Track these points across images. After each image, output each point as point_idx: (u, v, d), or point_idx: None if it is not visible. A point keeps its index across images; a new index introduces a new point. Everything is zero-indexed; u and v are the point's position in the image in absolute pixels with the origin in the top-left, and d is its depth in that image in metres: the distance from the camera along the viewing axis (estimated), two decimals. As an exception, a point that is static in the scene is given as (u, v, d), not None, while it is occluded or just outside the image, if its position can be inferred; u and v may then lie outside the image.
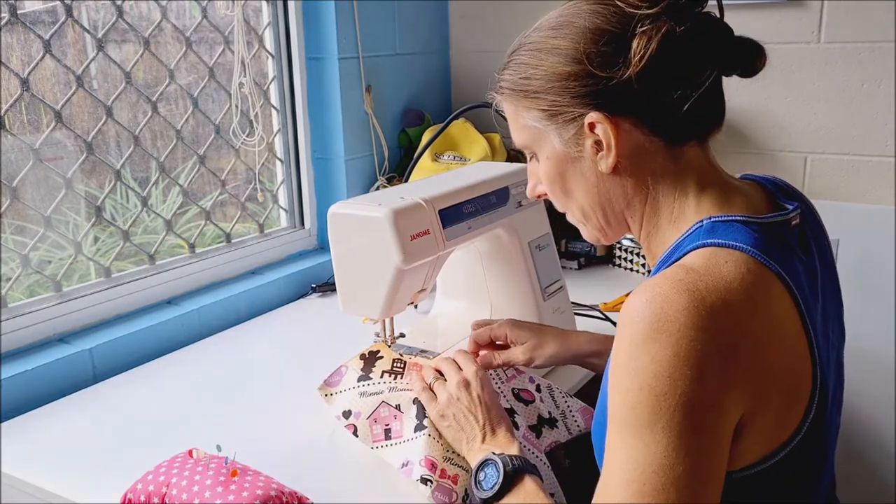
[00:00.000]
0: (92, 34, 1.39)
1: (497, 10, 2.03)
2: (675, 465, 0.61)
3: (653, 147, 0.75)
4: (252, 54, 1.69)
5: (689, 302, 0.63)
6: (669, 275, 0.66)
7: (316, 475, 1.00)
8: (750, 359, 0.64)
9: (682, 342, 0.61)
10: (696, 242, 0.71)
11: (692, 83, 0.72)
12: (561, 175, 0.81)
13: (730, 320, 0.63)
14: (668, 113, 0.73)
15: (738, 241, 0.69)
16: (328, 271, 1.78)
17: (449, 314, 1.33)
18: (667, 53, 0.71)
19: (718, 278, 0.65)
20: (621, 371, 0.65)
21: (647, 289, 0.65)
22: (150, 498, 0.88)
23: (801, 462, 0.71)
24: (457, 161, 1.85)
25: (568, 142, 0.77)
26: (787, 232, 0.74)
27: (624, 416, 0.64)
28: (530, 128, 0.80)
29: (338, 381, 1.08)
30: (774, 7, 1.70)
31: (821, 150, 1.74)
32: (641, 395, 0.62)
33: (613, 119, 0.74)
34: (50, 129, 1.33)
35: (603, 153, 0.75)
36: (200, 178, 1.65)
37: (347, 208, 1.04)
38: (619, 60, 0.72)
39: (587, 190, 0.80)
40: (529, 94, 0.78)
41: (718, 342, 0.62)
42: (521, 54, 0.79)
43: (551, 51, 0.76)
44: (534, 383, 1.10)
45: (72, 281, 1.42)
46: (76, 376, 1.29)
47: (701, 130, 0.77)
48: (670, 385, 0.61)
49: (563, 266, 1.83)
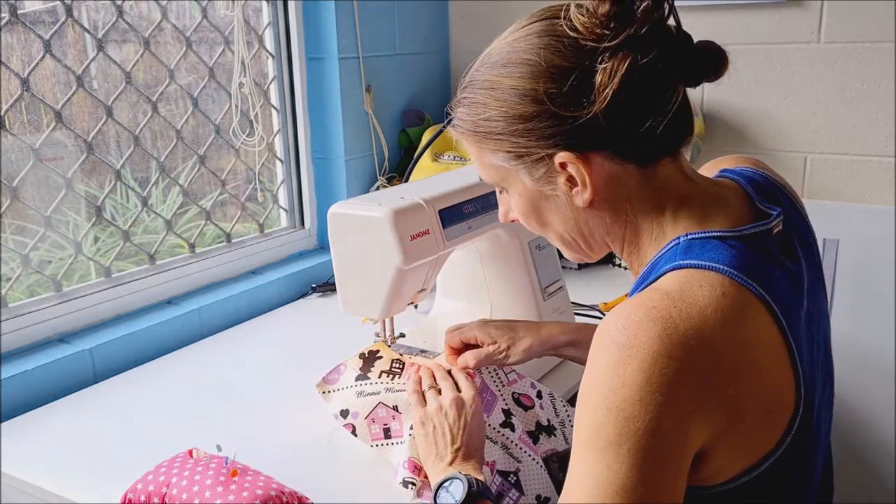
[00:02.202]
0: (92, 34, 1.39)
1: (497, 10, 2.03)
2: (637, 486, 0.61)
3: (626, 173, 0.73)
4: (252, 54, 1.69)
5: (662, 330, 0.62)
6: (644, 300, 0.65)
7: (316, 475, 1.00)
8: (723, 385, 0.64)
9: (654, 369, 0.61)
10: (671, 263, 0.69)
11: (661, 108, 0.69)
12: (535, 209, 0.78)
13: (703, 348, 0.63)
14: (639, 141, 0.71)
15: (714, 260, 0.68)
16: (328, 271, 1.78)
17: (449, 314, 1.33)
18: (632, 86, 0.67)
19: (692, 304, 0.64)
20: (591, 392, 0.64)
21: (622, 314, 0.65)
22: (150, 498, 0.88)
23: (789, 467, 0.70)
24: (457, 161, 1.85)
25: (539, 180, 0.75)
26: (768, 241, 0.73)
27: (590, 436, 0.63)
28: (497, 167, 0.77)
29: (336, 378, 1.08)
30: (774, 7, 1.70)
31: (821, 150, 1.74)
32: (610, 417, 0.62)
33: (584, 156, 0.71)
34: (50, 129, 1.33)
35: (578, 189, 0.73)
36: (200, 178, 1.65)
37: (348, 208, 1.04)
38: (582, 99, 0.68)
39: (564, 223, 0.78)
40: (492, 135, 0.74)
41: (690, 371, 0.62)
42: (474, 92, 0.75)
43: (508, 91, 0.71)
44: (535, 389, 1.09)
45: (72, 281, 1.42)
46: (76, 376, 1.29)
47: (671, 148, 0.74)
48: (640, 409, 0.61)
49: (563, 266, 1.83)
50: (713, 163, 0.88)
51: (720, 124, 1.81)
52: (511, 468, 0.99)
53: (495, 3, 2.03)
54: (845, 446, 1.75)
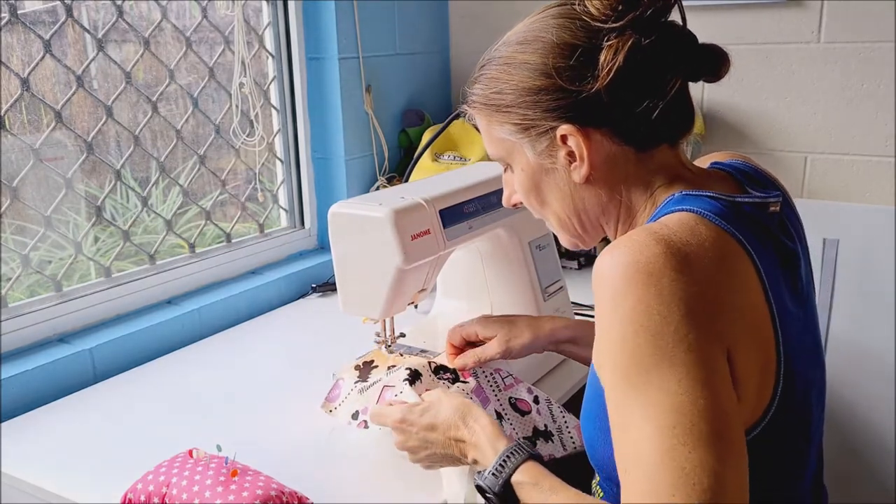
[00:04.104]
0: (92, 34, 1.39)
1: (497, 10, 2.03)
2: (695, 399, 0.60)
3: (624, 155, 0.77)
4: (252, 54, 1.69)
5: (666, 248, 0.64)
6: (642, 229, 0.68)
7: (316, 475, 1.00)
8: (730, 311, 0.65)
9: (663, 281, 0.62)
10: (666, 209, 0.73)
11: (659, 92, 0.73)
12: (536, 186, 0.82)
13: (706, 272, 0.65)
14: (637, 122, 0.74)
15: (707, 209, 0.71)
16: (328, 271, 1.78)
17: (449, 314, 1.33)
18: (634, 65, 0.72)
19: (692, 234, 0.67)
20: (608, 325, 0.65)
21: (621, 241, 0.67)
22: (150, 498, 0.88)
23: (778, 443, 0.71)
24: (457, 161, 1.85)
25: (541, 154, 0.79)
26: (763, 215, 0.75)
27: (627, 370, 0.63)
28: (504, 140, 0.81)
29: (337, 395, 1.08)
30: (774, 7, 1.70)
31: (821, 149, 1.74)
32: (638, 339, 0.62)
33: (584, 131, 0.75)
34: (50, 129, 1.33)
35: (576, 164, 0.77)
36: (200, 178, 1.65)
37: (348, 208, 1.04)
38: (587, 74, 0.73)
39: (562, 199, 0.81)
40: (501, 108, 0.79)
41: (699, 287, 0.63)
42: (490, 69, 0.80)
43: (521, 65, 0.77)
44: (531, 394, 1.09)
45: (72, 281, 1.42)
46: (76, 376, 1.29)
47: (671, 135, 0.78)
48: (662, 323, 0.62)
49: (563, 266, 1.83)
50: (703, 158, 0.91)
51: (720, 124, 1.81)
52: None
53: (495, 3, 2.03)
54: (845, 446, 1.75)
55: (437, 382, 1.03)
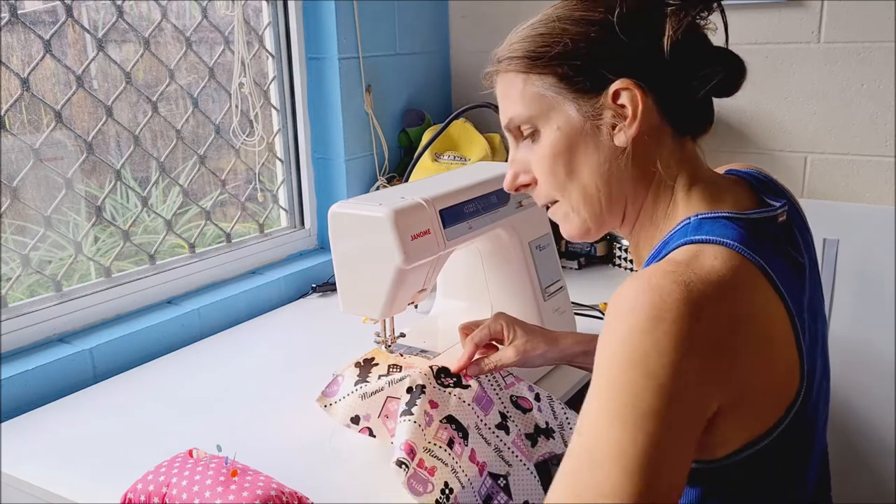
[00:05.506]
0: (92, 34, 1.39)
1: (497, 10, 2.03)
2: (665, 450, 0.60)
3: (662, 130, 0.76)
4: (252, 54, 1.69)
5: (685, 293, 0.63)
6: (660, 267, 0.66)
7: (316, 475, 1.00)
8: (741, 351, 0.65)
9: (682, 332, 0.61)
10: (683, 239, 0.71)
11: (708, 75, 0.74)
12: (570, 149, 0.77)
13: (724, 311, 0.64)
14: (684, 98, 0.75)
15: (725, 236, 0.70)
16: (328, 271, 1.78)
17: (449, 314, 1.33)
18: (693, 38, 0.73)
19: (710, 272, 0.65)
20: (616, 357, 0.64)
21: (641, 279, 0.65)
22: (150, 498, 0.88)
23: (788, 449, 0.71)
24: (457, 161, 1.85)
25: (585, 111, 0.75)
26: (773, 227, 0.75)
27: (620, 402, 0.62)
28: (541, 97, 0.77)
29: (335, 391, 1.07)
30: (774, 7, 1.70)
31: (821, 150, 1.74)
32: (648, 384, 0.61)
33: (643, 88, 0.73)
34: (50, 129, 1.33)
35: (623, 125, 0.74)
36: (200, 178, 1.65)
37: (348, 208, 1.04)
38: (649, 32, 0.73)
39: (596, 167, 0.77)
40: (546, 58, 0.75)
41: (714, 332, 0.63)
42: (538, 27, 0.77)
43: (578, 20, 0.75)
44: (533, 392, 1.09)
45: (72, 281, 1.42)
46: (76, 376, 1.29)
47: (699, 128, 0.79)
48: (672, 374, 0.61)
49: (563, 266, 1.83)
50: (722, 167, 0.90)
51: (720, 124, 1.81)
52: (502, 471, 0.99)
53: (495, 3, 2.03)
54: (845, 446, 1.75)
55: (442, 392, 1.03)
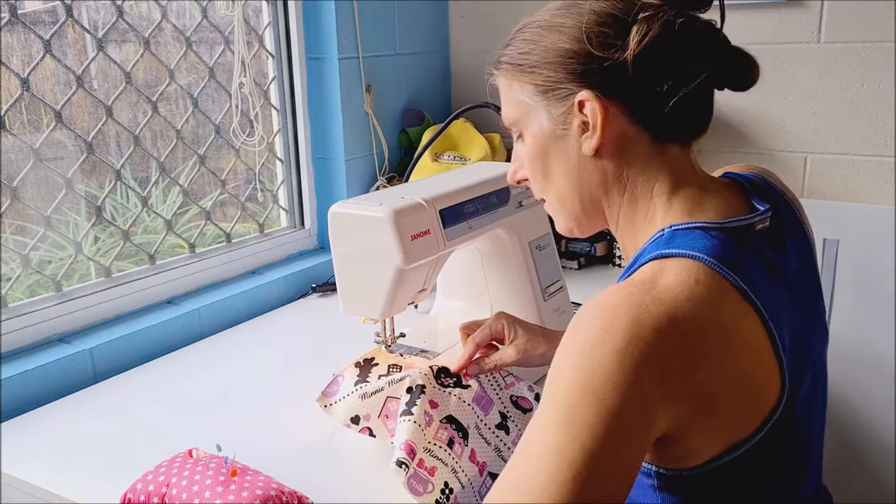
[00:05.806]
0: (92, 34, 1.39)
1: (497, 10, 2.03)
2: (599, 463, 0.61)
3: (636, 137, 0.76)
4: (252, 54, 1.69)
5: (636, 315, 0.64)
6: (620, 287, 0.68)
7: (316, 475, 1.00)
8: (692, 369, 0.65)
9: (626, 351, 0.63)
10: (653, 253, 0.72)
11: (683, 79, 0.73)
12: (543, 153, 0.81)
13: (673, 332, 0.64)
14: (655, 104, 0.74)
15: (694, 248, 0.70)
16: (328, 271, 1.78)
17: (449, 314, 1.33)
18: (663, 43, 0.73)
19: (665, 290, 0.66)
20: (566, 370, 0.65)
21: (599, 300, 0.68)
22: (150, 498, 0.88)
23: (775, 456, 0.71)
24: (457, 161, 1.85)
25: (556, 119, 0.79)
26: (750, 235, 0.75)
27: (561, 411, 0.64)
28: (522, 103, 0.81)
29: (335, 390, 1.07)
30: (774, 7, 1.70)
31: (821, 150, 1.74)
32: (584, 396, 0.63)
33: (603, 100, 0.75)
34: (50, 129, 1.33)
35: (588, 133, 0.77)
36: (200, 178, 1.65)
37: (348, 208, 1.04)
38: (617, 43, 0.73)
39: (567, 172, 0.80)
40: (526, 68, 0.79)
41: (660, 354, 0.63)
42: (525, 32, 0.81)
43: (554, 28, 0.77)
44: (533, 392, 1.09)
45: (72, 281, 1.42)
46: (76, 376, 1.29)
47: (685, 134, 0.78)
48: (612, 390, 0.62)
49: (563, 266, 1.83)
50: (720, 169, 0.90)
51: (720, 124, 1.81)
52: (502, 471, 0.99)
53: (495, 3, 2.03)
54: (845, 446, 1.75)
55: (442, 392, 1.03)
